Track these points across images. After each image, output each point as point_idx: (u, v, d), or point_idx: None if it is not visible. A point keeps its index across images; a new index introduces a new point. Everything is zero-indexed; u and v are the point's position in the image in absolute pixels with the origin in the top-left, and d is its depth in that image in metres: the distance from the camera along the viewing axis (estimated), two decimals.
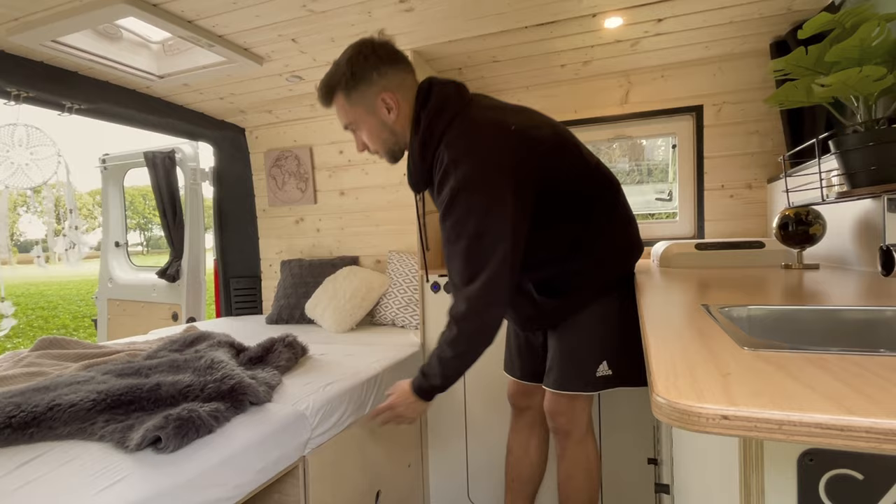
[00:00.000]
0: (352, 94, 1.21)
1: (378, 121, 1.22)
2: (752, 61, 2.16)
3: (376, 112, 1.21)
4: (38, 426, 1.11)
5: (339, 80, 1.20)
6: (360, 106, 1.22)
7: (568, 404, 1.38)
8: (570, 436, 1.41)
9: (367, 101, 1.21)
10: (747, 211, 2.24)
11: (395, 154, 1.28)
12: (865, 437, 0.29)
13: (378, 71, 1.19)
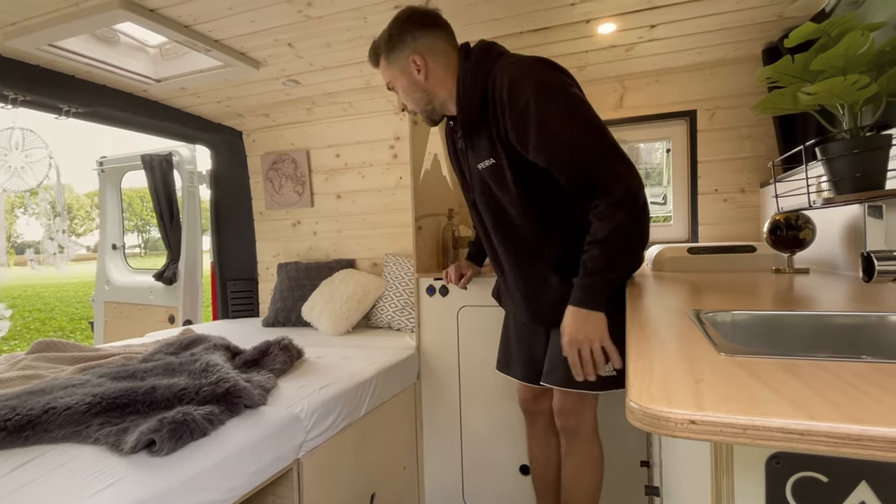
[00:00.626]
0: (390, 56, 1.32)
1: (410, 80, 1.31)
2: (745, 67, 2.18)
3: (408, 72, 1.30)
4: (33, 429, 1.12)
5: (381, 43, 1.33)
6: (395, 66, 1.32)
7: (577, 403, 1.40)
8: (579, 435, 1.42)
9: (400, 62, 1.31)
10: (740, 215, 2.25)
11: (431, 115, 1.36)
12: (824, 441, 0.30)
13: (412, 35, 1.28)
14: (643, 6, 1.70)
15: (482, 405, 2.03)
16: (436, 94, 1.32)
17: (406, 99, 1.35)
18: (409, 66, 1.29)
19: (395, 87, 1.35)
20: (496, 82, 1.20)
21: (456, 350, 2.05)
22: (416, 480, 2.05)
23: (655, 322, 0.70)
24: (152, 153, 3.16)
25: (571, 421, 1.42)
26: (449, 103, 1.32)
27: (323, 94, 2.53)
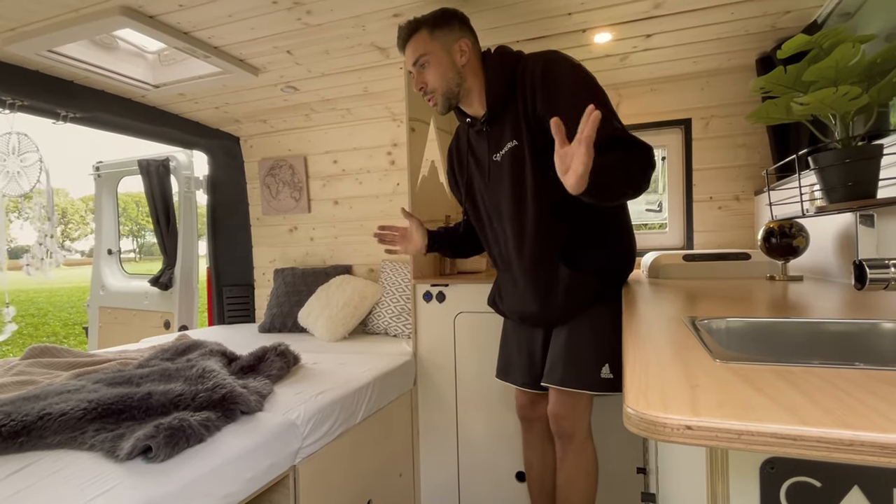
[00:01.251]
0: (435, 31, 1.36)
1: (450, 60, 1.36)
2: (739, 76, 2.20)
3: (451, 52, 1.36)
4: (28, 435, 1.12)
5: (427, 19, 1.38)
6: (438, 42, 1.36)
7: (572, 406, 1.41)
8: (574, 438, 1.43)
9: (447, 40, 1.36)
10: (735, 222, 2.27)
11: (451, 98, 1.38)
12: (816, 447, 0.31)
13: (459, 24, 1.39)
14: (639, 16, 1.72)
15: (479, 412, 2.03)
16: (465, 79, 1.38)
17: (436, 76, 1.36)
18: (453, 46, 1.36)
19: (428, 62, 1.35)
20: (527, 66, 1.31)
21: (452, 356, 2.05)
22: (413, 487, 2.04)
23: (651, 328, 0.71)
24: (149, 158, 3.16)
25: (566, 424, 1.42)
26: (472, 94, 1.39)
27: (321, 100, 2.54)
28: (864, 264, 0.69)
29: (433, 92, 1.38)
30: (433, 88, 1.37)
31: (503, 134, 1.38)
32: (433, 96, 1.38)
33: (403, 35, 1.39)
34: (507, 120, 1.37)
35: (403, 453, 1.99)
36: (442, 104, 1.39)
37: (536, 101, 1.27)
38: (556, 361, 1.40)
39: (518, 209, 1.38)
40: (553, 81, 1.26)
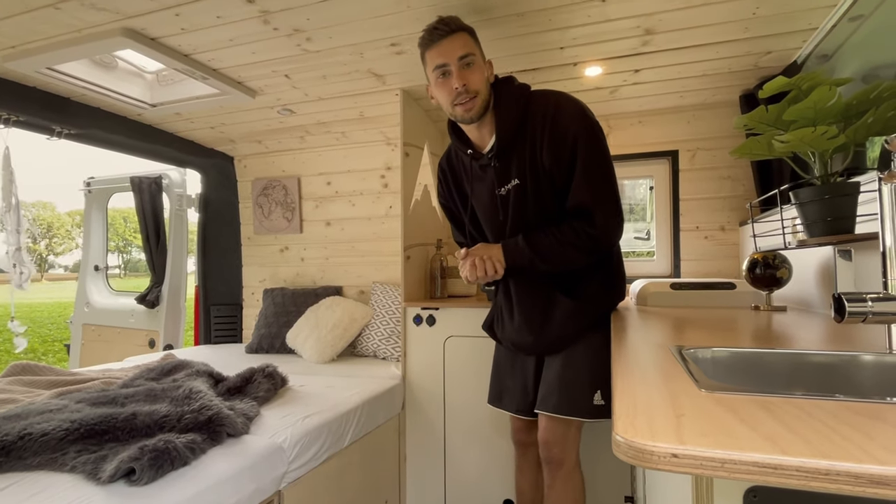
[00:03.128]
0: (474, 39, 1.33)
1: (483, 71, 1.33)
2: (724, 111, 2.28)
3: (484, 64, 1.35)
4: (7, 456, 1.09)
5: (466, 26, 1.32)
6: (477, 49, 1.33)
7: (563, 433, 1.41)
8: (563, 466, 1.42)
9: (481, 52, 1.35)
10: (720, 252, 2.32)
11: (485, 108, 1.32)
12: (796, 476, 0.32)
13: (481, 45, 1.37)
14: (628, 52, 1.79)
15: (467, 438, 2.01)
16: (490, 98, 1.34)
17: (481, 80, 1.30)
18: (486, 62, 1.36)
19: (474, 62, 1.29)
20: (538, 108, 1.31)
21: (441, 380, 2.05)
22: None
23: (640, 357, 0.73)
24: (142, 175, 3.16)
25: (556, 451, 1.42)
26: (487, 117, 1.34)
27: (316, 123, 2.58)
28: (842, 298, 0.72)
29: (476, 93, 1.29)
30: (476, 90, 1.29)
31: (509, 170, 1.36)
32: (474, 99, 1.29)
33: (449, 26, 1.28)
34: (514, 158, 1.35)
35: (390, 479, 1.96)
36: (478, 110, 1.31)
37: (543, 150, 1.30)
38: (551, 389, 1.40)
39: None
40: (561, 137, 1.28)
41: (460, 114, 1.32)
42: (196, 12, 1.51)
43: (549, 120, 1.29)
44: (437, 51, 1.29)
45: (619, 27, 1.62)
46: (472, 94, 1.28)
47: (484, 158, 1.39)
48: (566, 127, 1.28)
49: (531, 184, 1.34)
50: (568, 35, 1.68)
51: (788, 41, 1.69)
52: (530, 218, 1.37)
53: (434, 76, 1.32)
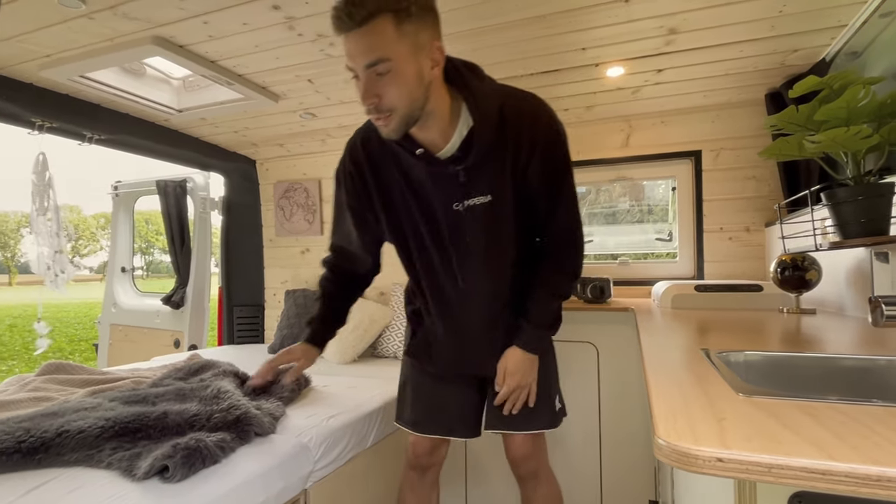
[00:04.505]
0: (404, 24, 0.93)
1: (417, 69, 0.97)
2: (749, 110, 2.24)
3: (420, 59, 0.97)
4: (46, 452, 1.13)
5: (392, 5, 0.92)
6: (407, 41, 0.94)
7: (539, 445, 1.37)
8: (539, 476, 1.38)
9: (418, 40, 0.95)
10: (746, 253, 2.28)
11: (409, 124, 1.03)
12: (845, 482, 0.32)
13: (435, 19, 0.99)
14: (651, 52, 1.77)
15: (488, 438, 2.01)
16: (429, 99, 1.02)
17: (399, 93, 0.96)
18: (426, 49, 0.97)
19: (390, 70, 0.94)
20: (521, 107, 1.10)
21: None
22: None
23: (671, 361, 0.72)
24: (167, 179, 3.23)
25: (533, 464, 1.36)
26: (432, 119, 1.05)
27: (337, 126, 2.61)
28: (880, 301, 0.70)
29: (389, 111, 0.98)
30: (391, 107, 0.97)
31: (479, 183, 1.12)
32: (387, 117, 0.99)
33: (352, 17, 0.91)
34: (486, 170, 1.11)
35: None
36: (396, 129, 1.01)
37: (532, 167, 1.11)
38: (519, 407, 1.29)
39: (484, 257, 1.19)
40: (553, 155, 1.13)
41: (378, 128, 1.03)
42: (223, 20, 1.54)
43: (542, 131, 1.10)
44: (346, 46, 0.95)
45: (643, 27, 1.61)
46: (386, 111, 0.98)
47: (443, 165, 1.10)
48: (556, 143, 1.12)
49: (507, 202, 1.14)
50: (590, 36, 1.67)
51: (816, 39, 1.66)
52: (491, 241, 1.18)
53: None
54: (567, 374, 1.91)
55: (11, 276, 41.19)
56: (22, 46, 1.66)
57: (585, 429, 1.88)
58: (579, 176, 2.38)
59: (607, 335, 1.86)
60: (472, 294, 1.22)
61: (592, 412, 1.87)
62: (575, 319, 1.91)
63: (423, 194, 1.16)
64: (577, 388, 1.89)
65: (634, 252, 2.59)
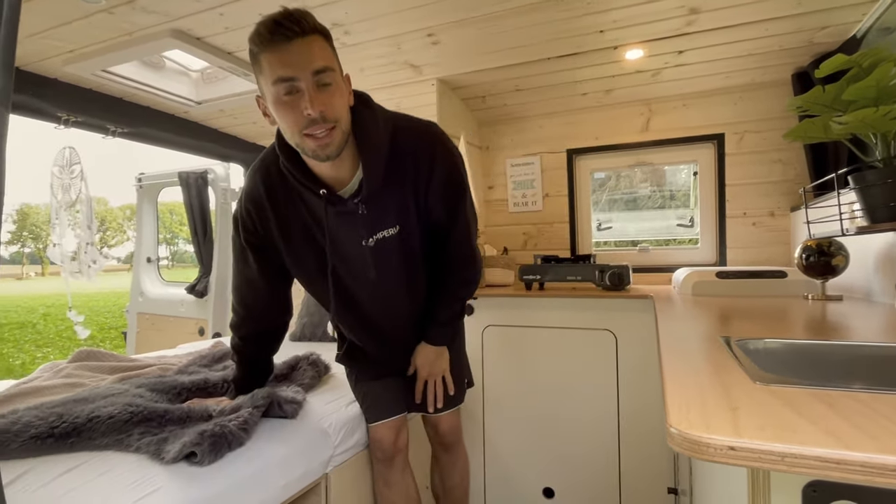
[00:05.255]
0: (332, 48, 1.02)
1: (343, 91, 1.03)
2: (774, 91, 2.17)
3: (343, 81, 1.04)
4: (78, 436, 1.17)
5: (320, 27, 0.99)
6: (336, 62, 1.02)
7: (459, 419, 1.59)
8: (460, 443, 1.63)
9: (339, 64, 1.04)
10: (770, 239, 2.23)
11: (344, 142, 1.05)
12: (861, 471, 0.32)
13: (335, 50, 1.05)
14: (671, 34, 1.73)
15: (506, 425, 2.03)
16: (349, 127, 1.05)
17: (341, 105, 1.01)
18: (343, 77, 1.04)
19: (334, 82, 0.99)
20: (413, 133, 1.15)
21: (480, 369, 2.06)
22: None
23: (688, 348, 0.71)
24: (189, 171, 3.28)
25: (458, 435, 1.59)
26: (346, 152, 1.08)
27: None
28: None
29: (335, 121, 0.99)
30: (336, 117, 0.99)
31: (384, 216, 1.17)
32: (332, 130, 1.00)
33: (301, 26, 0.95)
34: (389, 202, 1.15)
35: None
36: (337, 145, 1.02)
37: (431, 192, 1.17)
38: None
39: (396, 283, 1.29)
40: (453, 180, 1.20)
41: (312, 148, 1.01)
42: (238, 11, 1.55)
43: (439, 157, 1.15)
44: (281, 57, 0.94)
45: (663, 7, 1.56)
46: (331, 123, 0.99)
47: (344, 203, 1.13)
48: (453, 168, 1.20)
49: (414, 229, 1.21)
50: (608, 18, 1.63)
51: (847, 14, 1.59)
52: (404, 268, 1.26)
53: (274, 90, 0.97)
54: (585, 361, 1.90)
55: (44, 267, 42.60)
56: (46, 42, 1.70)
57: (604, 417, 1.88)
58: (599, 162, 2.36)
59: (626, 322, 1.85)
60: (392, 317, 1.36)
61: (611, 400, 1.87)
62: (593, 307, 1.89)
63: (331, 232, 1.19)
64: (595, 375, 1.89)
65: (656, 238, 2.55)
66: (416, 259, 1.28)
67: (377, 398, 1.47)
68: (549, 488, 1.96)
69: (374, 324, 1.36)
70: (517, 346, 2.00)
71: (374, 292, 1.29)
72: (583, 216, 2.57)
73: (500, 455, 2.03)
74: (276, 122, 1.05)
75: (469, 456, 2.06)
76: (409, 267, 1.28)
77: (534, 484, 1.98)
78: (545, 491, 1.97)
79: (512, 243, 2.67)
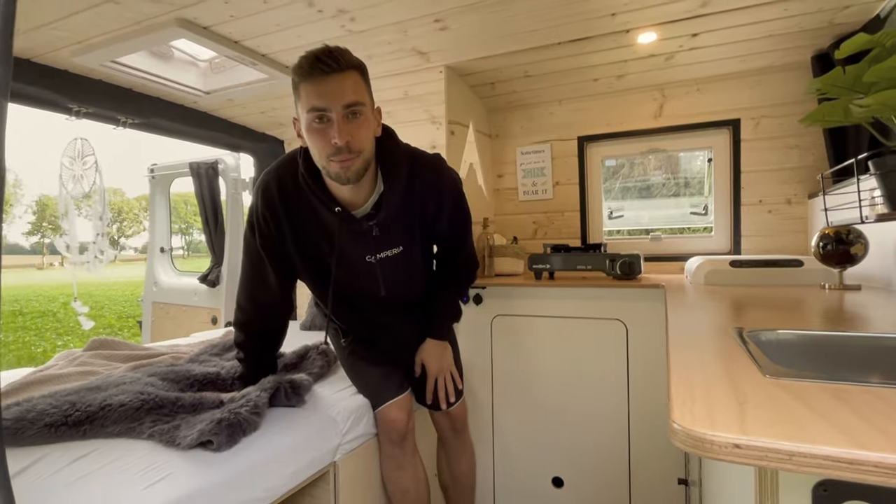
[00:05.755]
0: (367, 83, 1.14)
1: (373, 123, 1.17)
2: (793, 74, 2.11)
3: (373, 114, 1.18)
4: (90, 424, 1.19)
5: (358, 63, 1.12)
6: (369, 97, 1.15)
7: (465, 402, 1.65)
8: (468, 429, 1.69)
9: (371, 98, 1.17)
10: (786, 227, 2.18)
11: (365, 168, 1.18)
12: (874, 472, 0.30)
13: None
14: (685, 15, 1.68)
15: (515, 415, 2.02)
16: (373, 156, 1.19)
17: (367, 137, 1.14)
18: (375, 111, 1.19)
19: (362, 114, 1.11)
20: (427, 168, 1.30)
21: (489, 358, 2.06)
22: None
23: (697, 339, 0.69)
24: (199, 161, 3.30)
25: (466, 419, 1.66)
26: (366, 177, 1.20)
27: None
28: None
29: (359, 152, 1.12)
30: (360, 148, 1.11)
31: (390, 237, 1.30)
32: (355, 158, 1.11)
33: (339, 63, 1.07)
34: (397, 226, 1.28)
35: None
36: (356, 172, 1.13)
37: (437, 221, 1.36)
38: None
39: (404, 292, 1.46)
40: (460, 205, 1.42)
41: (336, 171, 1.13)
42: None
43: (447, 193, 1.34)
44: (317, 89, 1.06)
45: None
46: (357, 151, 1.11)
47: (358, 222, 1.24)
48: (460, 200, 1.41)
49: (416, 249, 1.38)
50: (620, 0, 1.59)
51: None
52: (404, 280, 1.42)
53: (308, 117, 1.09)
54: (595, 351, 1.88)
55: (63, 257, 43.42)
56: (54, 34, 1.70)
57: (614, 407, 1.87)
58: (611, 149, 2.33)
59: (637, 312, 1.82)
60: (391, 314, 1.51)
61: (621, 390, 1.85)
62: (603, 296, 1.87)
63: (341, 247, 1.30)
64: (605, 366, 1.87)
65: (669, 227, 2.51)
66: (416, 272, 1.45)
67: (380, 382, 1.51)
68: (559, 478, 1.96)
69: (373, 322, 1.53)
70: (526, 336, 1.99)
71: (375, 297, 1.43)
72: (594, 204, 2.53)
73: (509, 444, 2.03)
74: (306, 144, 1.18)
75: (477, 445, 2.07)
76: (408, 278, 1.44)
77: (543, 473, 1.98)
78: (554, 480, 1.97)
79: (522, 232, 2.65)
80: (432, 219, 1.34)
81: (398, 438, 1.47)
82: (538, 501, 1.99)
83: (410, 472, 1.50)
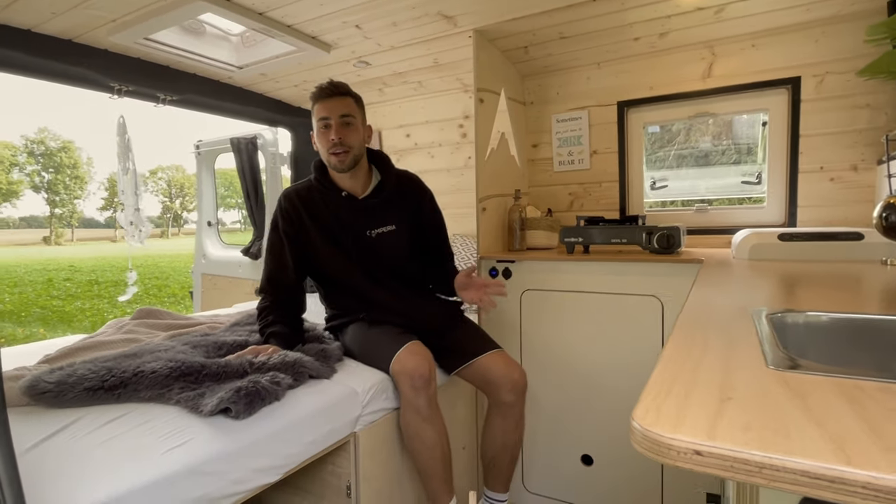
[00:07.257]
0: (360, 106, 1.64)
1: (362, 132, 1.64)
2: (864, 24, 1.86)
3: (363, 127, 1.65)
4: (124, 389, 1.26)
5: (354, 94, 1.64)
6: (360, 114, 1.63)
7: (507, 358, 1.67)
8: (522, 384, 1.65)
9: (364, 118, 1.66)
10: (850, 196, 1.98)
11: (356, 162, 1.61)
12: (861, 494, 0.25)
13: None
14: None
15: (543, 391, 1.99)
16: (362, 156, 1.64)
17: (356, 138, 1.58)
18: (365, 126, 1.66)
19: (353, 123, 1.57)
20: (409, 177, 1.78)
21: (518, 332, 2.02)
22: (475, 462, 2.06)
23: (710, 320, 0.63)
24: (240, 136, 3.37)
25: (518, 372, 1.63)
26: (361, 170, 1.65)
27: (393, 73, 2.54)
28: None
29: (349, 148, 1.56)
30: (350, 145, 1.56)
31: (384, 217, 1.66)
32: (346, 152, 1.55)
33: (338, 90, 1.57)
34: (390, 208, 1.67)
35: (466, 427, 2.01)
36: (348, 163, 1.58)
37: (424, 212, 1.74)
38: (477, 335, 1.71)
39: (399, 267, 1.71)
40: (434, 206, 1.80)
41: (334, 162, 1.58)
42: None
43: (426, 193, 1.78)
44: (323, 106, 1.56)
45: None
46: (347, 147, 1.55)
47: (361, 203, 1.65)
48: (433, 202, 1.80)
49: (404, 232, 1.69)
50: None
51: None
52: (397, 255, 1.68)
53: (318, 126, 1.58)
54: (628, 328, 1.80)
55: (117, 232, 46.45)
56: (88, 13, 1.75)
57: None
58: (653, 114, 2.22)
59: (674, 288, 1.72)
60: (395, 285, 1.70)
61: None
62: (638, 271, 1.78)
63: (347, 224, 1.65)
64: (638, 343, 1.79)
65: (718, 197, 2.34)
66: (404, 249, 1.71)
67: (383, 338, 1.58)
68: (588, 455, 1.92)
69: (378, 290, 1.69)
70: (556, 312, 1.93)
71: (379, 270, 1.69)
72: (634, 175, 2.39)
73: (539, 419, 2.00)
74: (318, 148, 1.63)
75: None
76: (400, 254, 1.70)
77: (573, 450, 1.95)
78: (584, 458, 1.93)
79: (557, 204, 2.55)
80: (417, 208, 1.73)
81: (422, 384, 1.43)
82: (567, 478, 1.96)
83: (437, 424, 1.47)
